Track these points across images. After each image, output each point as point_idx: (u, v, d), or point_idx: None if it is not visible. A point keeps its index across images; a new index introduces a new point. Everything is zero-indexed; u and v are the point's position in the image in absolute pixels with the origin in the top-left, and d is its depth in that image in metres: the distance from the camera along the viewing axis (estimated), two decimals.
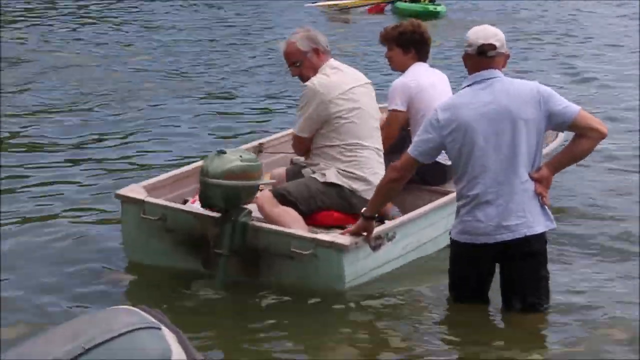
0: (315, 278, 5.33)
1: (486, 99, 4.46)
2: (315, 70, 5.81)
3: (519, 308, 4.75)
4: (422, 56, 6.63)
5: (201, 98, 11.03)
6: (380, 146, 5.97)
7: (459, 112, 4.42)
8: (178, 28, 17.09)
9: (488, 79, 4.49)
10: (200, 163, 6.42)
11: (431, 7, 19.14)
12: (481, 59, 4.47)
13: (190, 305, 5.29)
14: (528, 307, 4.73)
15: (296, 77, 5.95)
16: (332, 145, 5.74)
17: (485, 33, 4.52)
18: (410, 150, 4.57)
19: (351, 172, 5.74)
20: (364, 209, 5.22)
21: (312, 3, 20.51)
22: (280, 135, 7.26)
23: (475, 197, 4.46)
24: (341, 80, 5.79)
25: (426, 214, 5.79)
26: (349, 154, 5.73)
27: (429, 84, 6.53)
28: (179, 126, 9.73)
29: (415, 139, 4.60)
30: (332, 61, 5.89)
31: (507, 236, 4.47)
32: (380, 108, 7.14)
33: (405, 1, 19.69)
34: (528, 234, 4.50)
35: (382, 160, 5.91)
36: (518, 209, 4.48)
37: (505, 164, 4.45)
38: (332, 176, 5.72)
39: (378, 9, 20.05)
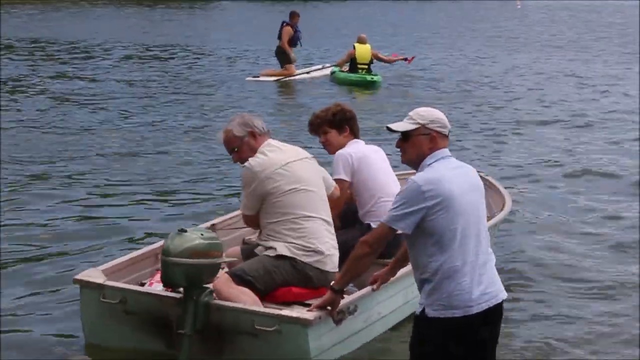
0: (281, 355, 5.27)
1: (458, 171, 4.56)
2: (254, 152, 5.90)
3: None
4: (356, 132, 6.82)
5: (146, 180, 10.81)
6: (329, 216, 5.94)
7: (443, 185, 4.42)
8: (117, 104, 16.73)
9: (448, 156, 4.62)
10: (156, 245, 6.43)
11: (368, 77, 19.63)
12: (445, 139, 4.61)
13: None
14: None
15: (238, 162, 6.00)
16: (276, 222, 5.74)
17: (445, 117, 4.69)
18: (390, 223, 4.47)
19: (300, 245, 5.73)
20: (333, 282, 5.18)
21: (253, 77, 20.54)
22: (233, 215, 7.23)
23: (457, 269, 4.41)
24: (278, 158, 5.83)
25: (386, 287, 5.78)
26: (293, 226, 5.73)
27: (370, 157, 6.71)
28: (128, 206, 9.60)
29: (394, 212, 4.47)
30: (271, 141, 5.96)
31: (491, 302, 4.46)
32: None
33: (343, 71, 20.25)
34: (503, 298, 4.55)
35: (332, 229, 5.91)
36: (491, 275, 4.52)
37: (479, 234, 4.50)
38: (282, 249, 5.72)
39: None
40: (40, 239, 8.36)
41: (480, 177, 8.34)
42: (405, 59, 20.89)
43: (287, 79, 20.48)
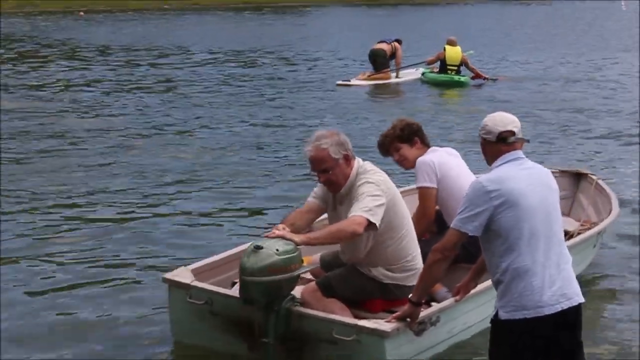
0: None
1: (528, 172, 4.44)
2: (345, 177, 5.50)
3: None
4: (427, 141, 6.61)
5: (226, 182, 10.81)
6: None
7: (508, 184, 4.34)
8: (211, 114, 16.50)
9: (519, 157, 4.50)
10: (246, 245, 6.47)
11: (456, 78, 20.21)
12: (500, 145, 4.47)
13: None
14: None
15: (323, 183, 5.60)
16: (378, 243, 5.54)
17: (503, 120, 4.50)
18: (459, 226, 4.39)
19: (399, 267, 5.60)
20: (410, 294, 5.07)
21: (343, 81, 20.27)
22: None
23: (527, 269, 4.30)
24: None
25: (471, 297, 5.59)
26: (396, 246, 5.57)
27: (449, 162, 6.51)
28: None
29: (461, 215, 4.40)
30: (362, 161, 5.65)
31: (566, 304, 4.31)
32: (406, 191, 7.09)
33: (434, 71, 20.64)
34: (580, 301, 4.38)
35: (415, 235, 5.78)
36: (567, 276, 4.37)
37: (550, 233, 4.36)
38: (379, 275, 5.60)
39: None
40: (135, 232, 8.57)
41: (592, 179, 8.18)
42: (486, 79, 20.66)
43: (381, 82, 20.38)
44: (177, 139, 13.49)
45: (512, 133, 4.48)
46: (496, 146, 4.48)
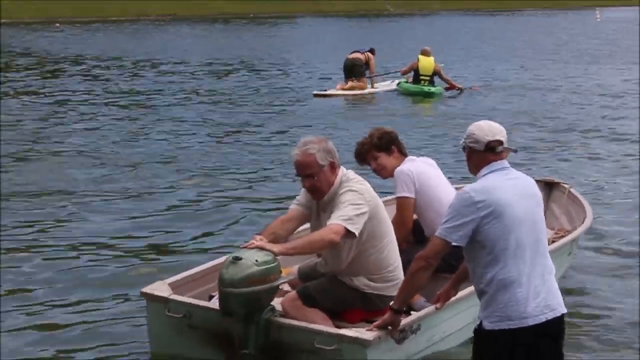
0: None
1: (514, 182, 4.44)
2: (329, 184, 5.49)
3: None
4: (404, 150, 6.59)
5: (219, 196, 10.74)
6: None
7: (495, 194, 4.33)
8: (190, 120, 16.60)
9: (505, 167, 4.49)
10: (224, 258, 6.45)
11: (426, 89, 20.40)
12: (488, 155, 4.45)
13: None
14: None
15: (306, 188, 5.59)
16: (360, 252, 5.53)
17: (492, 130, 4.49)
18: (444, 235, 4.37)
19: (378, 276, 5.58)
20: (392, 302, 5.06)
21: (321, 91, 20.33)
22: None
23: (513, 280, 4.30)
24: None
25: (451, 304, 5.58)
26: (378, 255, 5.55)
27: (427, 172, 6.50)
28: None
29: (447, 225, 4.38)
30: (346, 170, 5.65)
31: (549, 315, 4.32)
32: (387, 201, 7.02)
33: (408, 81, 20.89)
34: (563, 312, 4.39)
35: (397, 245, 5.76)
36: (551, 287, 4.37)
37: (536, 243, 4.37)
38: (360, 285, 5.57)
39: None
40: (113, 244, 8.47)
41: (564, 188, 8.21)
42: (459, 89, 20.87)
43: (357, 92, 20.47)
44: (145, 150, 13.41)
45: (500, 143, 4.48)
46: (483, 155, 4.46)
